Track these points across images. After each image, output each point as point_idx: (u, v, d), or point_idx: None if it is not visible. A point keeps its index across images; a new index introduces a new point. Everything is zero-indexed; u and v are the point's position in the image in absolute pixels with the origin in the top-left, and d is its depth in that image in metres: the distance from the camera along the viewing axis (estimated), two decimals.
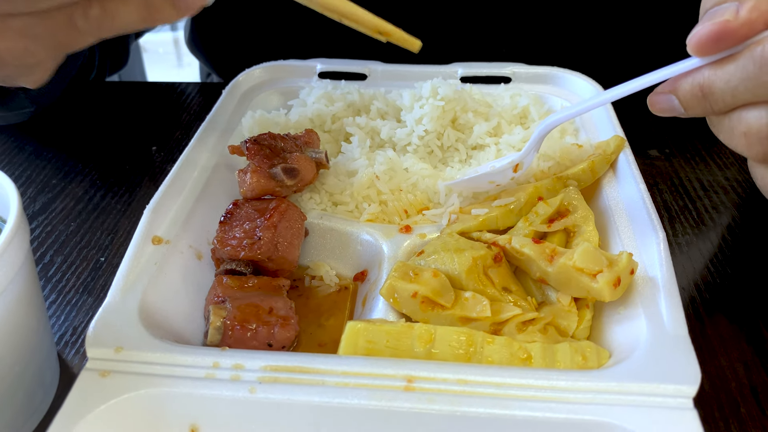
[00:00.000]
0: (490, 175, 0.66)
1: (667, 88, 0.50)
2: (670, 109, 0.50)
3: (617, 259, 0.54)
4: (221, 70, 1.21)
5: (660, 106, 0.51)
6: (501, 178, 0.67)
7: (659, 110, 0.51)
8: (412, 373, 0.47)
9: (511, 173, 0.66)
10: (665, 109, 0.51)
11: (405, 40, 0.58)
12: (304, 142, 0.70)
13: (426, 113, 0.75)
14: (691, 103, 0.48)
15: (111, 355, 0.48)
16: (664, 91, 0.50)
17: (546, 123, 0.63)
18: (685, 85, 0.48)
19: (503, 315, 0.54)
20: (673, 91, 0.49)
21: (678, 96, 0.49)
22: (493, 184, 0.68)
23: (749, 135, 0.46)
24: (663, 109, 0.51)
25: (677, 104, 0.50)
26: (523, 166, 0.66)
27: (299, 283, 0.66)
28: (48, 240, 0.75)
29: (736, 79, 0.44)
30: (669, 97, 0.50)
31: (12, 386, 0.49)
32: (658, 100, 0.51)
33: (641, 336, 0.50)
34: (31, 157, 0.92)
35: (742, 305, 0.65)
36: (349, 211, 0.69)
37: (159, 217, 0.61)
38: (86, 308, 0.66)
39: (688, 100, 0.48)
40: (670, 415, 0.44)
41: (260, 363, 0.47)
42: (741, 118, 0.46)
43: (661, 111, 0.51)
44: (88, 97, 1.06)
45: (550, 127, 0.63)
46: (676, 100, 0.49)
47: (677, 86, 0.49)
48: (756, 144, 0.46)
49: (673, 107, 0.50)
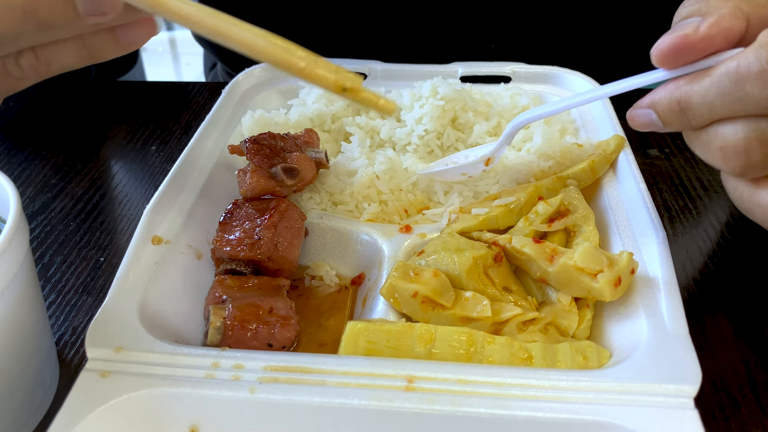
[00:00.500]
0: (462, 167, 0.68)
1: (646, 103, 0.50)
2: (649, 123, 0.51)
3: (618, 258, 0.54)
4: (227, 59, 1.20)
5: (639, 120, 0.52)
6: (473, 170, 0.68)
7: (639, 125, 0.52)
8: (413, 373, 0.47)
9: (483, 167, 0.68)
10: (644, 124, 0.51)
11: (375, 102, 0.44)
12: (304, 141, 0.70)
13: (426, 113, 0.74)
14: (669, 118, 0.49)
15: (111, 356, 0.48)
16: (642, 105, 0.51)
17: (518, 120, 0.64)
18: (663, 100, 0.49)
19: (504, 315, 0.54)
20: (651, 105, 0.50)
21: (656, 111, 0.50)
22: (465, 175, 0.69)
23: (725, 149, 0.46)
24: (642, 124, 0.52)
25: (656, 119, 0.50)
26: (494, 160, 0.67)
27: (299, 283, 0.66)
28: (47, 240, 0.75)
29: (712, 94, 0.45)
30: (648, 111, 0.50)
31: (11, 386, 0.49)
32: (637, 115, 0.52)
33: (642, 336, 0.50)
34: (30, 156, 0.91)
35: (743, 304, 0.65)
36: (349, 211, 0.69)
37: (159, 217, 0.61)
38: (86, 308, 0.66)
39: (666, 114, 0.49)
40: (671, 414, 0.44)
41: (260, 363, 0.47)
42: (717, 132, 0.47)
43: (641, 126, 0.52)
44: (87, 97, 1.06)
45: (522, 124, 0.64)
46: (655, 115, 0.50)
47: (656, 101, 0.49)
48: (732, 158, 0.46)
49: (651, 122, 0.51)
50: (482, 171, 0.68)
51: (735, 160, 0.46)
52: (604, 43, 1.09)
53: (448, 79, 0.79)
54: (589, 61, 0.99)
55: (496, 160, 0.68)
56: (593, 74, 0.87)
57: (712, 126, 0.47)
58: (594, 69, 0.90)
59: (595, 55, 1.08)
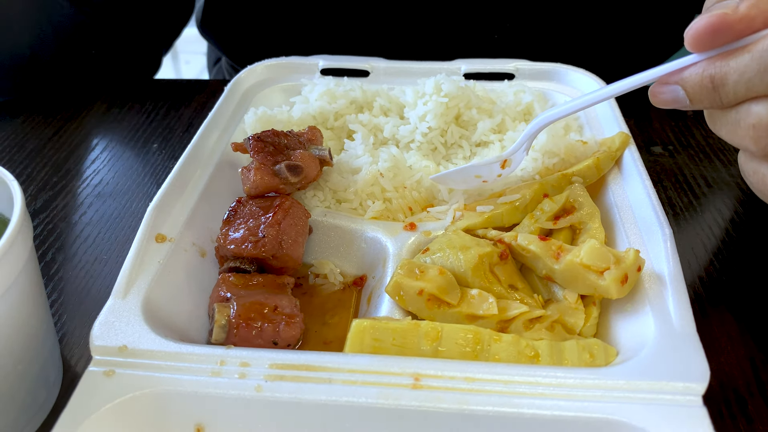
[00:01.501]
0: (477, 168, 0.65)
1: (673, 78, 0.49)
2: (673, 100, 0.49)
3: (624, 256, 0.53)
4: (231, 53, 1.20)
5: (663, 97, 0.50)
6: (487, 172, 0.65)
7: (662, 101, 0.50)
8: (420, 371, 0.46)
9: (498, 169, 0.64)
10: (669, 101, 0.50)
11: None
12: (308, 139, 0.70)
13: (429, 110, 0.74)
14: (700, 95, 0.47)
15: (115, 354, 0.48)
16: (669, 81, 0.49)
17: (538, 120, 0.61)
18: (694, 76, 0.47)
19: (510, 312, 0.53)
20: (680, 81, 0.48)
21: (685, 87, 0.48)
22: (479, 179, 0.66)
23: (759, 127, 0.45)
24: (666, 100, 0.50)
25: (682, 96, 0.48)
26: (512, 163, 0.64)
27: (303, 281, 0.66)
28: (50, 238, 0.75)
29: (751, 71, 0.44)
30: (674, 88, 0.49)
31: (15, 385, 0.49)
32: (662, 91, 0.50)
33: (649, 333, 0.49)
34: (31, 154, 0.91)
35: (749, 301, 0.65)
36: (353, 209, 0.69)
37: (162, 215, 0.60)
38: (89, 306, 0.66)
39: (696, 91, 0.47)
40: (680, 412, 0.44)
41: (267, 361, 0.47)
42: (750, 110, 0.45)
43: (664, 103, 0.50)
44: (88, 95, 1.06)
45: (543, 124, 0.61)
46: (682, 92, 0.48)
47: (684, 77, 0.48)
48: (765, 137, 0.45)
49: (677, 99, 0.49)
50: (498, 175, 0.65)
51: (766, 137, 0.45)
52: (606, 39, 1.09)
53: (452, 76, 0.79)
54: (593, 58, 0.98)
55: (515, 164, 0.64)
56: (596, 71, 0.86)
57: (744, 104, 0.46)
58: (597, 66, 0.90)
59: (598, 51, 1.08)
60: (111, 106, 1.03)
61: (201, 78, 1.42)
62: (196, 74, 3.50)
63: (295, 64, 0.91)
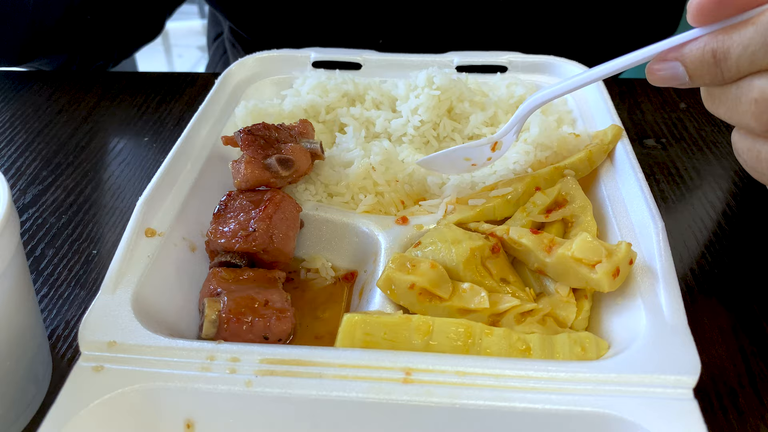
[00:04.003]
0: (466, 150, 0.63)
1: (672, 54, 0.47)
2: (672, 77, 0.48)
3: (616, 249, 0.53)
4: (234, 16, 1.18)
5: (662, 74, 0.48)
6: (477, 155, 0.63)
7: (659, 79, 0.49)
8: (411, 365, 0.46)
9: (489, 152, 0.63)
10: (667, 78, 0.48)
11: None
12: (299, 132, 0.69)
13: (421, 103, 0.74)
14: (700, 71, 0.46)
15: (104, 350, 0.47)
16: (667, 57, 0.48)
17: (529, 102, 0.59)
18: (695, 51, 0.46)
19: (501, 306, 0.53)
20: (679, 57, 0.47)
21: (685, 62, 0.47)
22: (469, 161, 0.64)
23: (761, 101, 0.44)
24: (664, 77, 0.48)
25: (682, 72, 0.47)
26: (502, 146, 0.63)
27: (295, 276, 0.66)
28: (39, 233, 0.74)
29: (756, 44, 0.42)
30: (674, 64, 0.47)
31: (3, 382, 0.48)
32: (661, 68, 0.48)
33: (640, 326, 0.49)
34: (20, 148, 0.90)
35: (740, 294, 0.65)
36: (345, 203, 0.68)
37: (152, 209, 0.60)
38: (78, 302, 0.65)
39: (697, 67, 0.46)
40: (671, 405, 0.44)
41: (257, 356, 0.47)
42: (753, 85, 0.44)
43: (662, 80, 0.49)
44: (77, 87, 1.05)
45: (534, 105, 0.60)
46: (682, 68, 0.47)
47: (684, 52, 0.46)
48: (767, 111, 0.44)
49: (676, 75, 0.48)
50: (487, 158, 0.64)
51: None
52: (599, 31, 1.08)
53: (444, 69, 0.78)
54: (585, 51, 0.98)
55: (505, 147, 0.63)
56: (590, 64, 0.86)
57: (746, 79, 0.44)
58: (590, 58, 0.89)
59: (590, 44, 1.07)
60: (101, 99, 1.02)
61: (194, 71, 1.41)
62: (189, 67, 3.48)
63: (287, 56, 0.90)
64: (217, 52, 1.41)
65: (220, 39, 1.39)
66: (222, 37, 1.37)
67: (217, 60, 1.41)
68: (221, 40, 1.38)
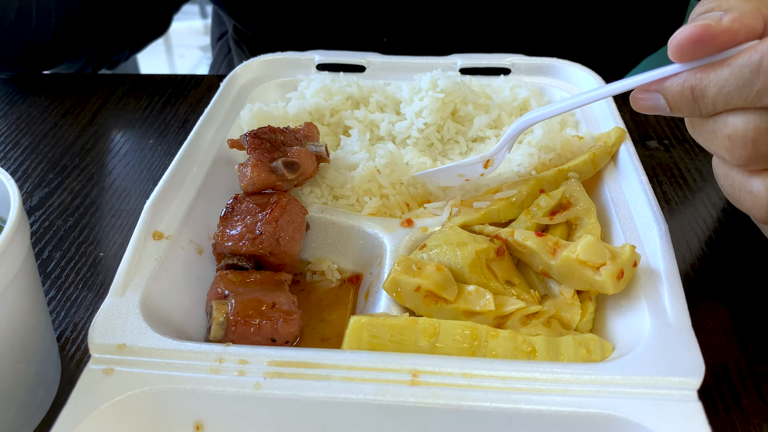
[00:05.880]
0: (460, 168, 0.65)
1: (654, 87, 0.50)
2: (654, 107, 0.51)
3: (620, 251, 0.54)
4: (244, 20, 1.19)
5: (644, 104, 0.51)
6: (470, 172, 0.65)
7: (642, 107, 0.52)
8: (417, 368, 0.47)
9: (481, 168, 0.65)
10: (649, 108, 0.51)
11: None
12: (304, 135, 0.70)
13: (426, 106, 0.74)
14: (680, 105, 0.49)
15: (114, 353, 0.48)
16: (650, 89, 0.51)
17: (521, 122, 0.62)
18: (675, 86, 0.48)
19: (507, 308, 0.54)
20: (661, 90, 0.50)
21: (666, 96, 0.49)
22: (462, 177, 0.66)
23: (734, 138, 0.47)
24: (647, 107, 0.51)
25: (663, 104, 0.50)
26: (494, 162, 0.65)
27: (301, 278, 0.66)
28: (46, 236, 0.75)
29: (730, 85, 0.45)
30: (655, 96, 0.50)
31: (14, 384, 0.49)
32: (643, 98, 0.51)
33: (645, 328, 0.50)
34: (27, 151, 0.91)
35: (743, 295, 0.65)
36: (350, 205, 0.69)
37: (159, 212, 0.60)
38: (86, 304, 0.66)
39: (676, 101, 0.49)
40: (675, 406, 0.44)
41: (265, 358, 0.47)
42: (727, 122, 0.47)
43: (645, 108, 0.52)
44: (82, 90, 1.05)
45: (525, 125, 0.62)
46: (663, 100, 0.50)
47: (666, 86, 0.49)
48: (739, 148, 0.47)
49: (658, 106, 0.51)
50: (480, 174, 0.65)
51: (741, 150, 0.47)
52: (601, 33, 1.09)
53: (448, 72, 0.79)
54: (588, 53, 0.99)
55: (497, 163, 0.65)
56: (592, 65, 0.86)
57: (722, 115, 0.47)
58: (593, 60, 0.90)
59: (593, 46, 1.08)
60: (106, 102, 1.03)
61: (196, 71, 1.42)
62: (191, 68, 3.48)
63: (291, 59, 0.90)
64: (221, 51, 1.41)
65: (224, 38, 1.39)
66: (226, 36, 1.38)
67: (221, 59, 1.41)
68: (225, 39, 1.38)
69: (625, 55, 1.18)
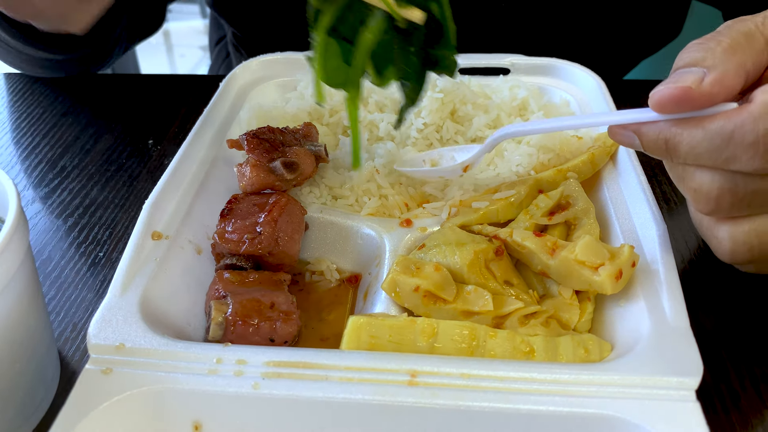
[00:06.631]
0: (439, 171, 0.68)
1: (632, 128, 0.52)
2: (629, 144, 0.53)
3: (619, 251, 0.54)
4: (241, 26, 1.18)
5: (620, 138, 0.54)
6: (450, 174, 0.68)
7: (618, 141, 0.54)
8: (416, 368, 0.47)
9: (460, 171, 0.67)
10: (624, 143, 0.54)
11: None
12: (303, 135, 0.70)
13: (425, 106, 0.74)
14: (653, 150, 0.51)
15: (113, 353, 0.48)
16: (628, 128, 0.52)
17: (501, 132, 0.62)
18: (651, 133, 0.50)
19: (505, 308, 0.54)
20: (637, 132, 0.51)
21: (641, 139, 0.51)
22: (442, 179, 0.69)
23: (699, 192, 0.49)
24: (622, 142, 0.54)
25: (638, 144, 0.52)
26: (473, 167, 0.67)
27: (299, 278, 0.66)
28: (45, 236, 0.75)
29: (701, 148, 0.47)
30: (631, 135, 0.52)
31: (13, 384, 0.49)
32: (620, 133, 0.53)
33: (643, 328, 0.50)
34: (26, 151, 0.91)
35: (742, 295, 0.65)
36: (349, 205, 0.69)
37: (158, 212, 0.60)
38: (86, 304, 0.66)
39: (650, 146, 0.51)
40: (674, 407, 0.44)
41: (263, 358, 0.47)
42: (694, 176, 0.49)
43: (619, 142, 0.54)
44: (82, 90, 1.05)
45: (504, 136, 0.62)
46: (638, 141, 0.52)
47: (642, 131, 0.51)
48: (702, 201, 0.50)
49: (633, 144, 0.53)
50: (459, 176, 0.68)
51: (704, 203, 0.49)
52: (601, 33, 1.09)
53: None
54: (588, 53, 0.98)
55: (474, 167, 0.67)
56: (592, 66, 0.86)
57: (691, 167, 0.49)
58: (593, 60, 0.90)
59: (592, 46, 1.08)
60: (106, 102, 1.03)
61: (196, 71, 1.42)
62: (191, 67, 3.49)
63: (291, 59, 0.90)
64: (219, 55, 1.41)
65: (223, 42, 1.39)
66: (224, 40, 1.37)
67: (220, 63, 1.41)
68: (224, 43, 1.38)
69: (625, 55, 1.18)
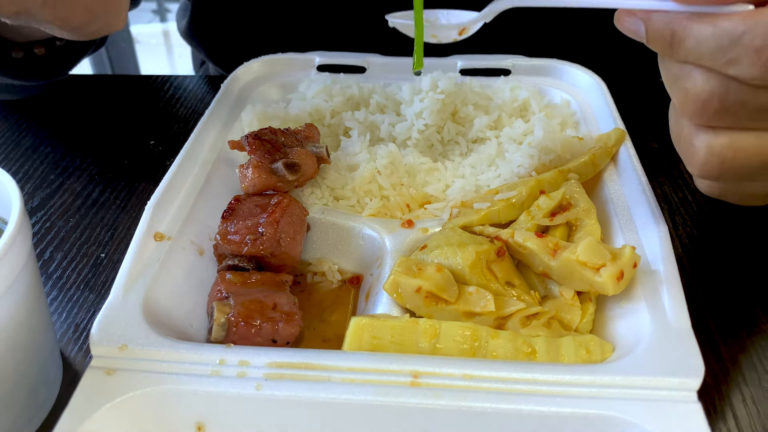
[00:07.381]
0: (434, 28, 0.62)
1: (641, 15, 0.50)
2: (634, 32, 0.51)
3: (620, 252, 0.54)
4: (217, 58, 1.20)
5: (627, 26, 0.51)
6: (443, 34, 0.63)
7: (623, 28, 0.52)
8: (418, 369, 0.47)
9: (456, 35, 0.62)
10: (629, 31, 0.51)
11: None
12: (305, 136, 0.70)
13: (426, 107, 0.74)
14: (656, 41, 0.49)
15: (115, 353, 0.48)
16: (636, 15, 0.50)
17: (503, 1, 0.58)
18: (659, 23, 0.48)
19: (507, 309, 0.54)
20: (645, 20, 0.49)
21: (647, 28, 0.49)
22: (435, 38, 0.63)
23: (690, 92, 0.47)
24: (628, 29, 0.51)
25: (643, 34, 0.50)
26: (468, 31, 0.62)
27: (301, 279, 0.66)
28: (47, 236, 0.75)
29: (707, 45, 0.45)
30: (638, 23, 0.50)
31: (16, 385, 0.49)
32: (627, 21, 0.51)
33: (645, 329, 0.50)
34: (28, 152, 0.91)
35: (743, 297, 0.65)
36: (351, 206, 0.69)
37: (160, 213, 0.61)
38: (88, 305, 0.66)
39: (655, 36, 0.49)
40: (675, 408, 0.44)
41: (266, 359, 0.47)
42: (691, 73, 0.47)
43: (625, 30, 0.52)
44: (84, 90, 1.05)
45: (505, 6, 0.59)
46: (644, 30, 0.50)
47: (652, 19, 0.49)
48: (691, 102, 0.48)
49: (637, 32, 0.50)
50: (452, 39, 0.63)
51: (692, 104, 0.48)
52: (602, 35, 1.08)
53: (448, 73, 0.79)
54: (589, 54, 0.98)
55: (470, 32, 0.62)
56: (592, 66, 0.86)
57: (689, 65, 0.48)
58: (594, 61, 0.90)
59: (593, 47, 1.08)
60: (107, 102, 1.03)
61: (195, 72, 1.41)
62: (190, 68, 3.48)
63: (292, 60, 0.91)
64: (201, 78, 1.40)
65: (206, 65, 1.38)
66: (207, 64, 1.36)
67: None
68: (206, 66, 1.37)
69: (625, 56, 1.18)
